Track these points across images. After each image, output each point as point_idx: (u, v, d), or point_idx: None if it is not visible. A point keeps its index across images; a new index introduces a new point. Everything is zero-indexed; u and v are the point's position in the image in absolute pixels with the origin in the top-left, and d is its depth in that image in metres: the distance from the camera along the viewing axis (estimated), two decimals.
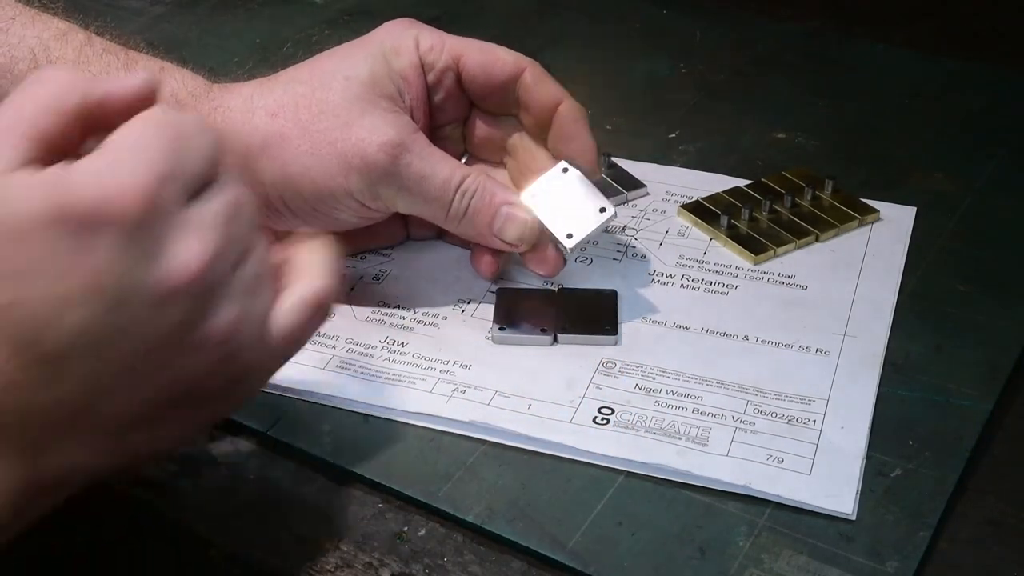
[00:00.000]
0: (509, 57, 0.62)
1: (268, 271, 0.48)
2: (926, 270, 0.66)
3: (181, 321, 0.45)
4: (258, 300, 0.47)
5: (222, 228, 0.45)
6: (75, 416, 0.45)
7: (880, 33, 0.91)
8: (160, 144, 0.44)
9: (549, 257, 0.61)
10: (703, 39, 0.91)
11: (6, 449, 0.44)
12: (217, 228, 0.45)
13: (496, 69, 0.61)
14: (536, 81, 0.61)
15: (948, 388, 0.58)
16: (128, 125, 0.45)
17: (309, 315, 0.49)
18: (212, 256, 0.45)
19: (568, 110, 0.61)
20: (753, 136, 0.78)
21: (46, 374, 0.43)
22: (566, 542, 0.50)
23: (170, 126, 0.45)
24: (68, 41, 0.62)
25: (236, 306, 0.46)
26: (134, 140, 0.44)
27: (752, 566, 0.49)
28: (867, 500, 0.52)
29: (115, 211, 0.42)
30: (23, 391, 0.43)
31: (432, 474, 0.53)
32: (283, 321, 0.48)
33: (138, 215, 0.43)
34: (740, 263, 0.66)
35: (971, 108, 0.82)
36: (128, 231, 0.43)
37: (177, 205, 0.44)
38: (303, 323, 0.49)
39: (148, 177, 0.43)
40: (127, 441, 0.47)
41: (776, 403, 0.57)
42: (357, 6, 0.93)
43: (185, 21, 0.93)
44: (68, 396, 0.44)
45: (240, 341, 0.46)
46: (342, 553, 0.50)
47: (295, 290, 0.49)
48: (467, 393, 0.57)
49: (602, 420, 0.56)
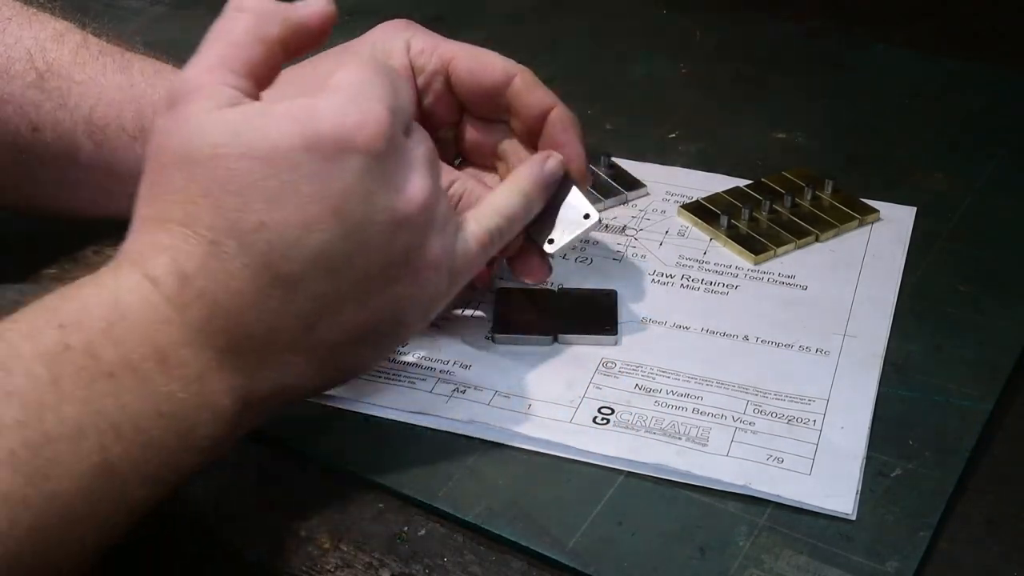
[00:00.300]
0: (499, 64, 0.62)
1: (452, 208, 0.53)
2: (926, 270, 0.66)
3: (407, 247, 0.49)
4: (448, 234, 0.52)
5: (432, 166, 0.50)
6: (297, 334, 0.48)
7: (880, 33, 0.91)
8: (385, 84, 0.49)
9: (534, 264, 0.61)
10: (703, 39, 0.91)
11: (234, 363, 0.47)
12: (429, 164, 0.50)
13: (485, 75, 0.61)
14: (526, 88, 0.61)
15: (948, 388, 0.58)
16: (351, 69, 0.50)
17: (480, 252, 0.54)
18: (436, 188, 0.50)
19: (558, 117, 0.61)
20: (753, 136, 0.78)
21: (281, 293, 0.47)
22: (566, 542, 0.50)
23: (386, 71, 0.50)
24: (65, 42, 0.62)
25: (440, 236, 0.51)
26: (366, 79, 0.49)
27: (752, 566, 0.49)
28: (867, 500, 0.52)
29: (362, 139, 0.47)
30: (258, 309, 0.47)
31: (432, 474, 0.53)
32: (461, 254, 0.53)
33: (381, 144, 0.48)
34: (740, 263, 0.66)
35: (971, 108, 0.82)
36: (372, 159, 0.47)
37: (403, 140, 0.49)
38: (475, 257, 0.54)
39: (386, 112, 0.48)
40: (333, 361, 0.50)
41: (776, 403, 0.57)
42: (357, 6, 0.93)
43: (185, 21, 0.93)
44: (297, 315, 0.47)
45: (440, 269, 0.51)
46: (342, 553, 0.50)
47: (469, 230, 0.53)
48: (467, 393, 0.57)
49: (602, 420, 0.56)
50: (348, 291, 0.48)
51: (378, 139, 0.47)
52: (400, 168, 0.49)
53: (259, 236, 0.46)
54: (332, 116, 0.47)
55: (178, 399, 0.45)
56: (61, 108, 0.61)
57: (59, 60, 0.62)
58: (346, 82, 0.49)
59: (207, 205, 0.46)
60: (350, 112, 0.47)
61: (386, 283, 0.49)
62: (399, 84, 0.51)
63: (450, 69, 0.62)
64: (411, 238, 0.49)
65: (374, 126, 0.47)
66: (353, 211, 0.47)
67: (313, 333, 0.48)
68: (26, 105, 0.61)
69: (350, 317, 0.49)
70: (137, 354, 0.45)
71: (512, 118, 0.62)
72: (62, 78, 0.61)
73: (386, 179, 0.48)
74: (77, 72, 0.61)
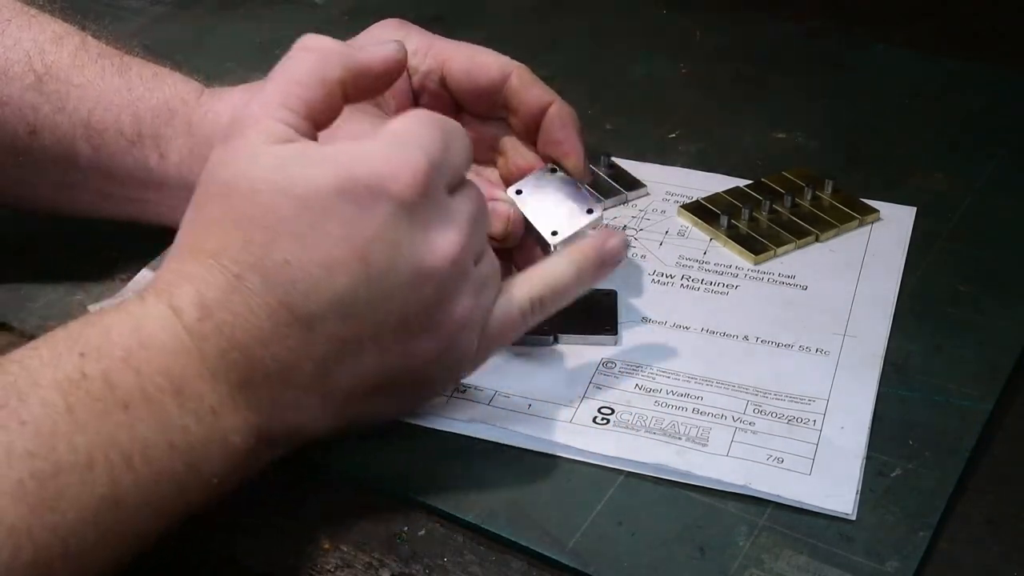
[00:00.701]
0: (495, 63, 0.62)
1: (496, 272, 0.53)
2: (926, 270, 0.66)
3: (429, 302, 0.49)
4: (484, 296, 0.51)
5: (473, 224, 0.50)
6: (312, 376, 0.48)
7: (880, 33, 0.91)
8: (433, 136, 0.49)
9: (538, 258, 0.60)
10: (703, 39, 0.91)
11: (248, 400, 0.47)
12: (470, 223, 0.50)
13: (480, 74, 0.61)
14: (523, 85, 0.61)
15: (948, 388, 0.58)
16: (405, 117, 0.50)
17: (519, 320, 0.53)
18: (465, 246, 0.50)
19: (556, 113, 0.61)
20: (753, 136, 0.78)
21: (299, 333, 0.47)
22: (566, 542, 0.50)
23: (440, 124, 0.50)
24: (64, 44, 0.62)
25: (471, 297, 0.50)
26: (412, 129, 0.49)
27: (752, 566, 0.49)
28: (867, 500, 0.52)
29: (396, 187, 0.47)
30: (274, 347, 0.47)
31: (432, 474, 0.53)
32: (499, 319, 0.52)
33: (414, 195, 0.48)
34: (740, 263, 0.66)
35: (971, 108, 0.82)
36: (403, 208, 0.47)
37: (442, 194, 0.49)
38: (513, 324, 0.53)
39: (424, 163, 0.48)
40: (348, 410, 0.50)
41: (776, 403, 0.57)
42: (357, 6, 0.93)
43: (185, 21, 0.93)
44: (313, 356, 0.47)
45: (467, 330, 0.51)
46: (342, 553, 0.50)
47: (512, 295, 0.53)
48: (467, 393, 0.57)
49: (602, 420, 0.56)
50: (367, 338, 0.48)
51: (412, 189, 0.47)
52: (434, 221, 0.49)
53: (282, 273, 0.46)
54: (370, 162, 0.48)
55: (191, 432, 0.45)
56: (59, 111, 0.61)
57: (58, 63, 0.62)
58: (396, 129, 0.49)
59: (238, 238, 0.47)
60: (389, 159, 0.48)
61: (407, 335, 0.49)
62: (453, 138, 0.50)
63: (445, 69, 0.62)
64: (436, 293, 0.49)
65: (409, 176, 0.48)
66: (378, 258, 0.47)
67: (329, 376, 0.48)
68: (24, 108, 0.61)
69: (367, 364, 0.49)
70: (154, 384, 0.45)
71: (510, 115, 0.62)
72: (60, 81, 0.61)
73: (416, 230, 0.48)
74: (76, 75, 0.61)
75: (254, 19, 0.92)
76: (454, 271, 0.49)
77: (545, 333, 0.60)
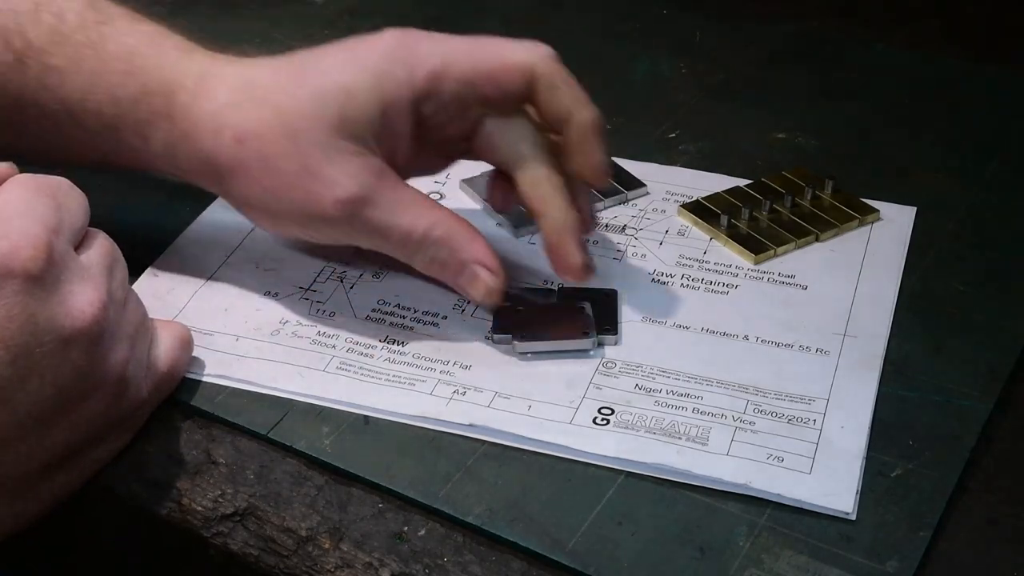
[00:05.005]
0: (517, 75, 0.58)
1: (144, 313, 0.54)
2: (926, 270, 0.66)
3: (81, 364, 0.48)
4: (140, 339, 0.52)
5: (109, 275, 0.50)
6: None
7: (880, 33, 0.91)
8: (43, 202, 0.48)
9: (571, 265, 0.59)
10: (703, 39, 0.91)
11: None
12: (105, 275, 0.50)
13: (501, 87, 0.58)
14: (546, 89, 0.58)
15: (948, 388, 0.58)
16: (12, 188, 0.49)
17: (181, 352, 0.55)
18: (105, 300, 0.48)
19: (578, 125, 0.58)
20: (753, 136, 0.78)
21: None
22: (566, 542, 0.50)
23: (45, 187, 0.49)
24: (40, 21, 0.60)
25: (125, 346, 0.50)
26: (18, 200, 0.48)
27: (752, 566, 0.49)
28: (867, 500, 0.52)
29: (19, 264, 0.46)
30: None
31: (432, 474, 0.53)
32: (163, 358, 0.54)
33: (39, 265, 0.46)
34: (740, 263, 0.66)
35: (971, 108, 0.82)
36: (31, 281, 0.46)
37: (69, 255, 0.48)
38: (178, 359, 0.55)
39: (42, 230, 0.47)
40: (29, 493, 0.49)
41: (776, 403, 0.57)
42: (357, 6, 0.93)
43: (185, 21, 0.92)
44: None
45: (130, 379, 0.50)
46: (342, 553, 0.50)
47: (167, 331, 0.55)
48: (467, 395, 0.57)
49: (602, 420, 0.56)
50: (26, 419, 0.47)
51: (35, 261, 0.46)
52: (65, 283, 0.47)
53: None
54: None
55: None
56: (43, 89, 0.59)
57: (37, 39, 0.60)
58: (4, 206, 0.48)
59: None
60: (5, 237, 0.46)
61: (69, 404, 0.48)
62: (64, 196, 0.50)
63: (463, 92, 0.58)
64: (87, 354, 0.48)
65: (30, 249, 0.46)
66: (15, 336, 0.46)
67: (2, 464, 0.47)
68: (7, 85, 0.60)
69: (35, 445, 0.48)
70: None
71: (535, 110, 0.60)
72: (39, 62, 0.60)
73: (50, 299, 0.47)
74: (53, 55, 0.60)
75: (254, 19, 0.92)
76: (99, 328, 0.48)
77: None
